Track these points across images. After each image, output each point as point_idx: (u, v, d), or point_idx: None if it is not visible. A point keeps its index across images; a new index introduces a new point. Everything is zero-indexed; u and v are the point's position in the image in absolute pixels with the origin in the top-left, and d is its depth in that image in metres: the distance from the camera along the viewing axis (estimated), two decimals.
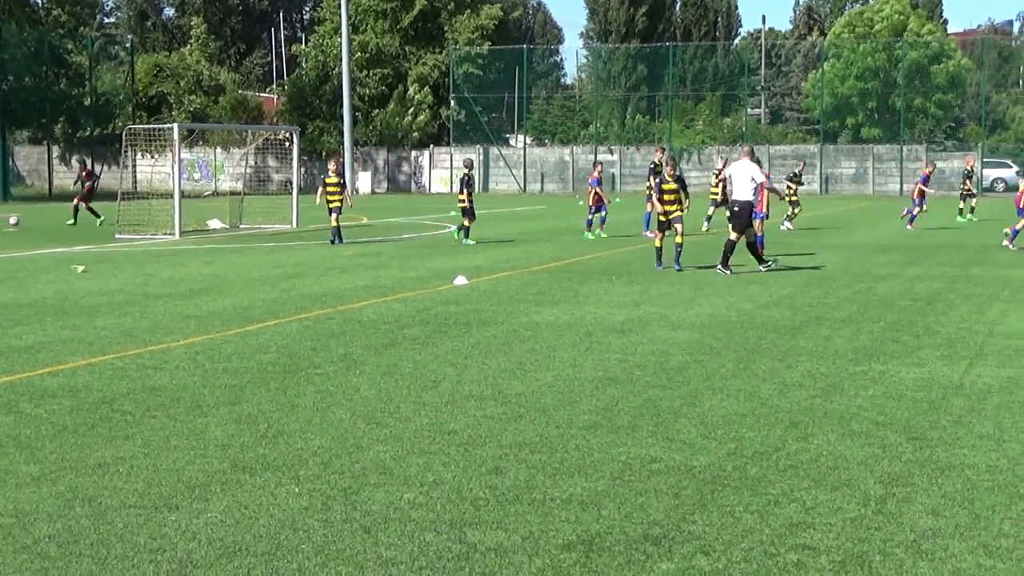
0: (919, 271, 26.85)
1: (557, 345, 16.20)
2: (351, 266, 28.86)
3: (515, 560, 7.59)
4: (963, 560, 7.61)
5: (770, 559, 7.63)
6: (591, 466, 9.85)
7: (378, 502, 8.82)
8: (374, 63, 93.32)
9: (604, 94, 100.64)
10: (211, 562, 7.53)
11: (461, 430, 11.15)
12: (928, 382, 13.56)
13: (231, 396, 12.82)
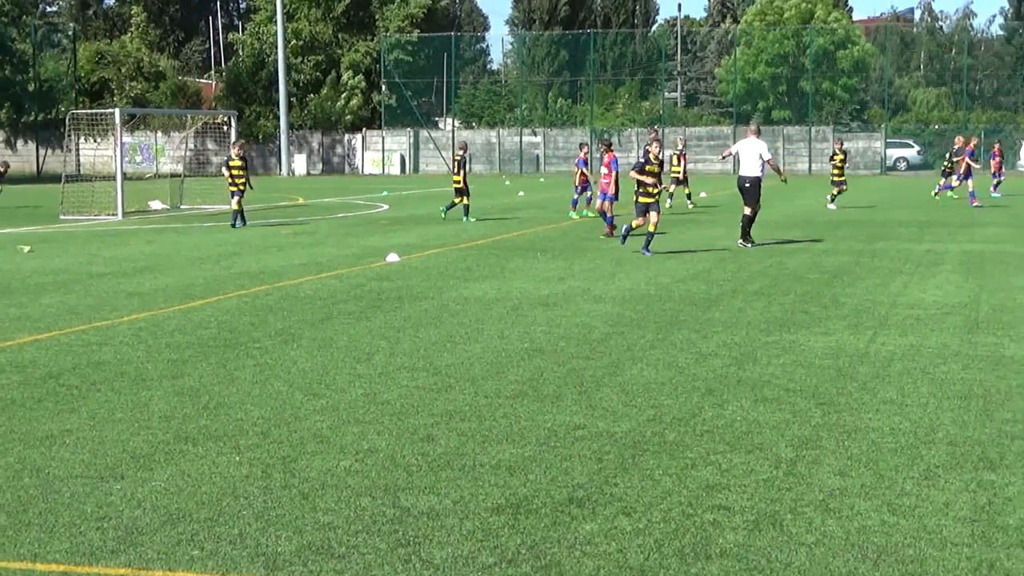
0: (827, 246, 27.07)
1: (485, 318, 16.22)
2: (288, 244, 28.78)
3: (447, 523, 7.62)
4: (868, 518, 7.71)
5: (688, 519, 7.69)
6: (518, 433, 9.88)
7: (315, 469, 8.83)
8: (308, 50, 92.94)
9: (528, 79, 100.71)
10: (155, 528, 7.52)
11: (394, 400, 11.17)
12: (835, 350, 13.70)
13: (174, 370, 12.76)
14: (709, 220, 36.25)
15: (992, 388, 11.62)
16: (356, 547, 7.19)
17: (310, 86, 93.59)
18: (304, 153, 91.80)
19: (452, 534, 7.42)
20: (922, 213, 38.03)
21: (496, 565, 6.91)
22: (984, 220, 35.77)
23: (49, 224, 36.81)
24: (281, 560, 7.00)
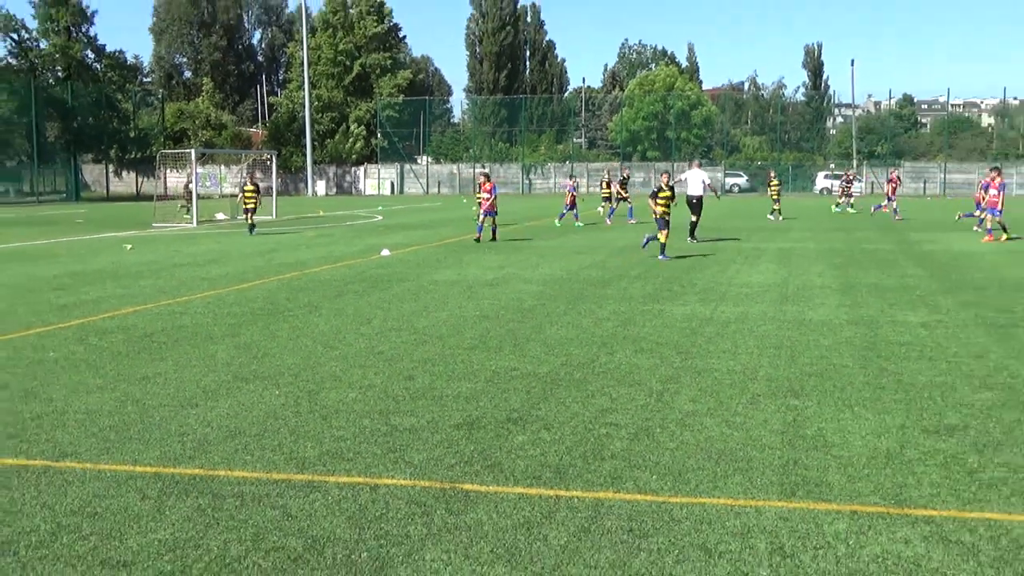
0: (684, 244, 27.19)
1: (449, 295, 16.23)
2: (312, 244, 28.64)
3: (422, 435, 7.66)
4: (712, 431, 7.80)
5: (588, 432, 7.76)
6: (472, 373, 9.92)
7: (331, 399, 8.85)
8: (326, 109, 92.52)
9: (479, 129, 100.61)
10: (220, 441, 7.55)
11: (386, 351, 11.18)
12: (689, 316, 13.79)
13: (232, 331, 12.72)
14: (611, 227, 36.24)
15: (796, 342, 11.76)
16: (360, 453, 7.23)
17: (327, 133, 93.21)
18: (323, 180, 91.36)
19: (426, 443, 7.46)
20: (750, 222, 38.26)
21: (457, 464, 6.95)
22: (792, 227, 36.02)
23: (144, 230, 36.48)
24: (307, 463, 7.01)
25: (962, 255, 23.70)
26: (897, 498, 6.31)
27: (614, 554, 5.44)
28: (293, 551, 5.48)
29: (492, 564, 5.31)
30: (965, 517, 5.99)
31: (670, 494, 6.37)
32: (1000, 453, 7.23)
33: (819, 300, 15.44)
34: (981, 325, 12.97)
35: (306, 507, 6.14)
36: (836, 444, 7.45)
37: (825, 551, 5.50)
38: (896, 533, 5.74)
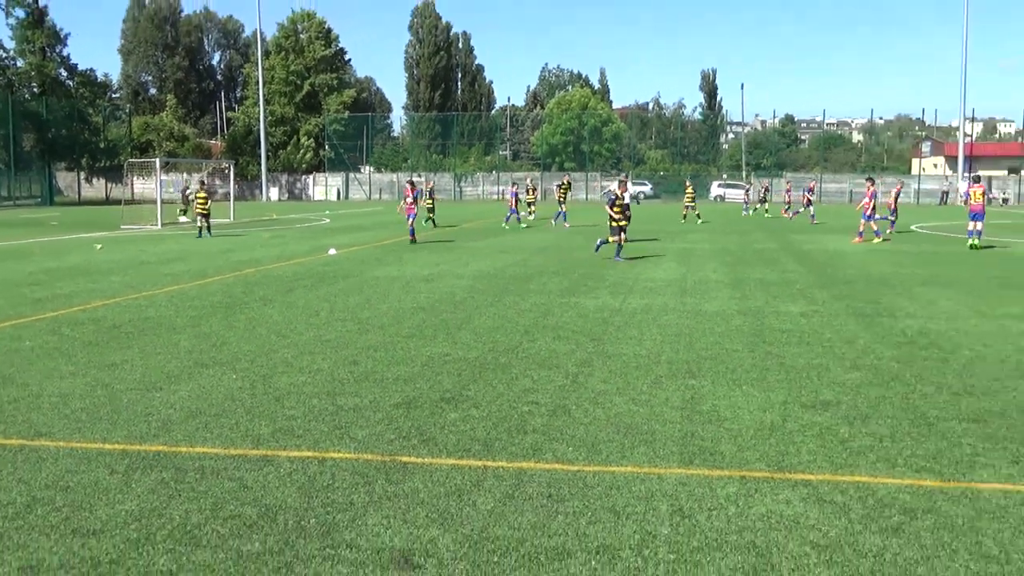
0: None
1: (389, 289, 16.13)
2: (266, 244, 28.27)
3: (365, 414, 7.61)
4: (620, 407, 7.86)
5: (512, 409, 7.77)
6: (410, 358, 9.87)
7: (285, 383, 8.75)
8: (279, 123, 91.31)
9: (416, 142, 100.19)
10: (182, 421, 7.42)
11: (333, 339, 11.07)
12: (601, 307, 13.87)
13: (193, 322, 12.49)
14: (535, 232, 36.33)
15: (694, 329, 11.89)
16: (309, 430, 7.16)
17: (280, 145, 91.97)
18: (276, 187, 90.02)
19: (369, 421, 7.41)
20: (655, 225, 38.58)
21: (396, 439, 6.92)
22: (691, 229, 36.42)
23: (113, 231, 35.67)
24: (262, 439, 6.93)
25: (835, 254, 24.18)
26: (779, 464, 6.42)
27: (535, 517, 5.46)
28: (249, 518, 5.42)
29: (427, 527, 5.30)
30: (837, 480, 6.12)
31: (584, 463, 6.41)
32: (867, 424, 7.40)
33: (713, 293, 15.64)
34: (851, 314, 13.23)
35: (260, 479, 6.07)
36: (728, 418, 7.56)
37: (718, 511, 5.58)
38: (779, 495, 5.84)
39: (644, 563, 4.88)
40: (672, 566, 4.85)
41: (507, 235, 32.06)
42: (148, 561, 4.87)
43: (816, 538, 5.20)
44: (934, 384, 8.79)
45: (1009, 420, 7.53)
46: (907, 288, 16.43)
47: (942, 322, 12.55)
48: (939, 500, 5.77)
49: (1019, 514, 5.55)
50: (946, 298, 15.03)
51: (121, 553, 4.97)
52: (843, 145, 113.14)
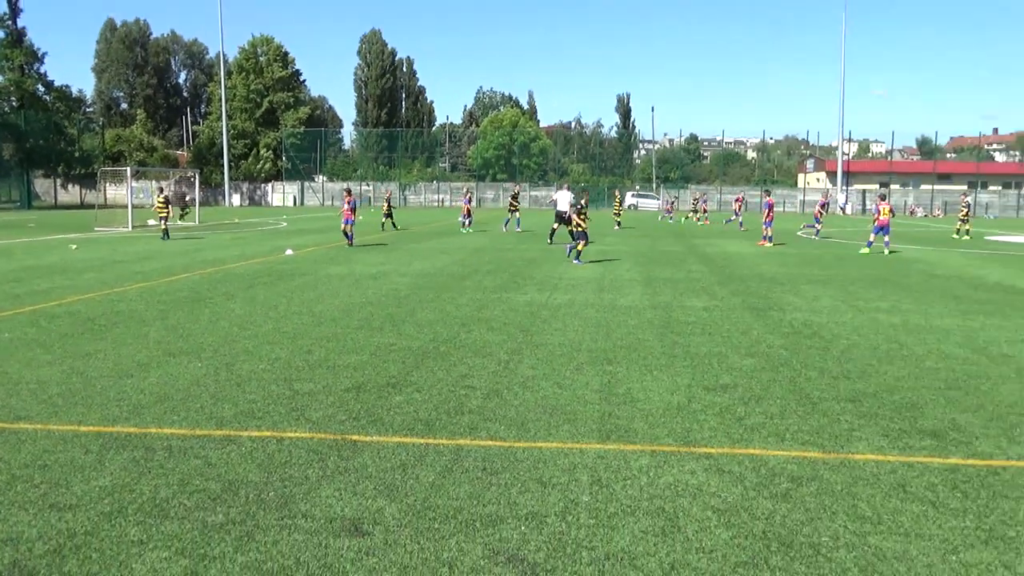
0: (528, 247, 27.44)
1: (341, 286, 15.96)
2: (229, 245, 27.73)
3: (319, 398, 7.52)
4: (547, 391, 7.89)
5: (451, 393, 7.75)
6: (359, 348, 9.78)
7: (246, 370, 8.60)
8: (240, 136, 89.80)
9: (364, 155, 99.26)
10: (151, 405, 7.25)
11: (290, 330, 10.92)
12: (530, 302, 13.90)
13: (162, 315, 12.20)
14: (473, 235, 36.23)
15: (610, 322, 11.98)
16: (268, 412, 7.06)
17: (242, 156, 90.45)
18: (238, 193, 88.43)
19: (322, 404, 7.33)
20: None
21: (347, 420, 6.86)
22: (608, 233, 36.68)
23: (88, 232, 34.70)
24: (225, 421, 6.81)
25: (734, 255, 24.57)
26: (685, 439, 6.51)
27: (471, 488, 5.46)
28: (213, 492, 5.32)
29: (375, 498, 5.27)
30: (735, 453, 6.22)
31: (514, 440, 6.42)
32: (760, 404, 7.54)
33: (627, 290, 15.78)
34: (746, 308, 13.46)
35: (224, 457, 5.97)
36: (640, 400, 7.63)
37: (632, 481, 5.63)
38: (684, 466, 5.92)
39: (567, 527, 4.91)
40: (592, 530, 4.89)
41: (447, 238, 31.92)
42: (120, 532, 4.76)
43: (716, 503, 5.29)
44: (816, 369, 8.99)
45: (880, 400, 7.74)
46: (794, 286, 16.77)
47: (823, 315, 12.83)
48: (821, 469, 5.90)
49: (889, 480, 5.71)
50: (827, 295, 15.38)
51: (95, 525, 4.85)
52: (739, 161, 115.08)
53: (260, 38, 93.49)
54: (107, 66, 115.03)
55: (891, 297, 15.13)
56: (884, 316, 12.80)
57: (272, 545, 4.63)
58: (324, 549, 4.60)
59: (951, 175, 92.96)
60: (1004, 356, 9.79)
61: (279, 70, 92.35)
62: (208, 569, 4.38)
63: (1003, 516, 5.16)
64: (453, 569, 4.41)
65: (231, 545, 4.63)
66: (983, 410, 7.42)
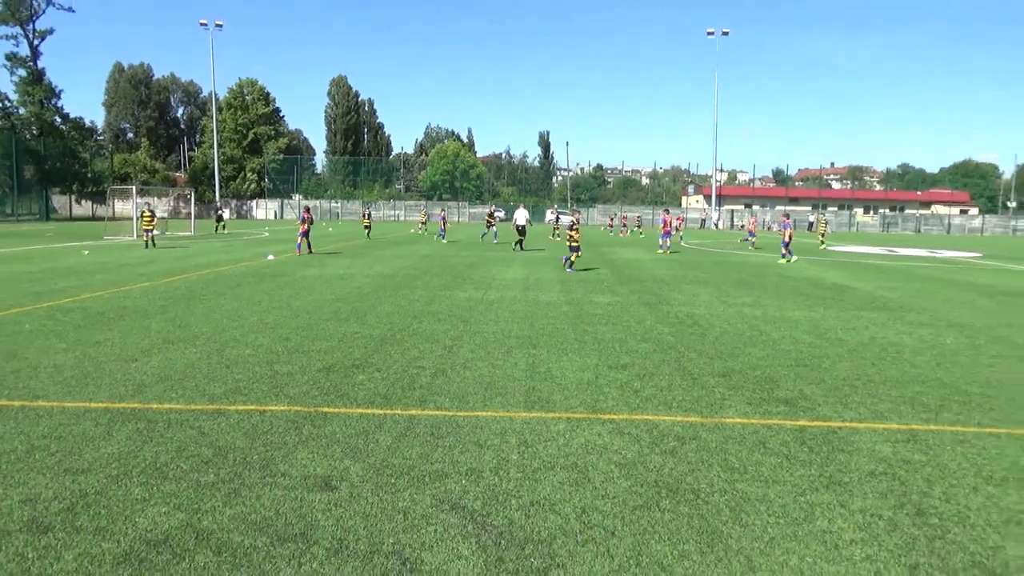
0: (469, 253, 27.36)
1: (314, 285, 15.67)
2: (219, 251, 26.97)
3: (296, 377, 7.36)
4: (483, 370, 7.85)
5: (405, 372, 7.66)
6: (329, 336, 9.61)
7: (234, 354, 8.36)
8: (229, 161, 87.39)
9: (333, 178, 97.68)
10: (153, 384, 7.00)
11: (272, 322, 10.66)
12: (472, 299, 13.84)
13: (162, 309, 11.80)
14: (424, 244, 35.92)
15: (534, 314, 11.99)
16: (252, 390, 6.88)
17: (231, 178, 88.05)
18: (228, 208, 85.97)
19: (298, 383, 7.18)
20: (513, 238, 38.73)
21: (318, 395, 6.73)
22: (536, 243, 36.72)
23: (98, 240, 33.39)
24: (216, 397, 6.62)
25: (632, 261, 24.86)
26: (593, 408, 6.56)
27: (422, 449, 5.41)
28: (205, 456, 5.16)
29: (342, 459, 5.18)
30: (632, 419, 6.29)
31: (457, 410, 6.38)
32: (652, 380, 7.63)
33: (548, 288, 15.83)
34: (641, 304, 13.62)
35: (215, 427, 5.80)
36: (558, 376, 7.66)
37: (552, 442, 5.65)
38: (593, 429, 5.96)
39: (500, 480, 4.90)
40: (519, 482, 4.88)
41: (403, 246, 31.56)
42: (126, 492, 4.59)
43: (618, 459, 5.33)
44: (696, 351, 9.14)
45: (745, 375, 7.91)
46: (678, 286, 17.05)
47: (701, 308, 13.06)
48: (700, 431, 6.00)
49: (752, 439, 5.84)
50: (704, 293, 15.67)
51: (104, 486, 4.66)
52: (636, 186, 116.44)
53: (246, 80, 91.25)
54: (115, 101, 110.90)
55: (754, 295, 15.50)
56: (748, 309, 13.10)
57: (256, 500, 4.51)
58: (300, 502, 4.50)
59: (799, 198, 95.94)
60: (839, 340, 10.11)
61: (262, 107, 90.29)
62: (201, 520, 4.24)
63: (840, 466, 5.33)
64: (407, 516, 4.36)
65: (221, 500, 4.49)
66: (824, 383, 7.64)
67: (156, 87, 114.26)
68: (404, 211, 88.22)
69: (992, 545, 4.21)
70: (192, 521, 4.24)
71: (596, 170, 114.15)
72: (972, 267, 26.00)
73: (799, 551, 4.07)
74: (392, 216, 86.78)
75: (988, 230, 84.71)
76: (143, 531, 4.12)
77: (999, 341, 10.34)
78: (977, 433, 6.10)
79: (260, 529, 4.17)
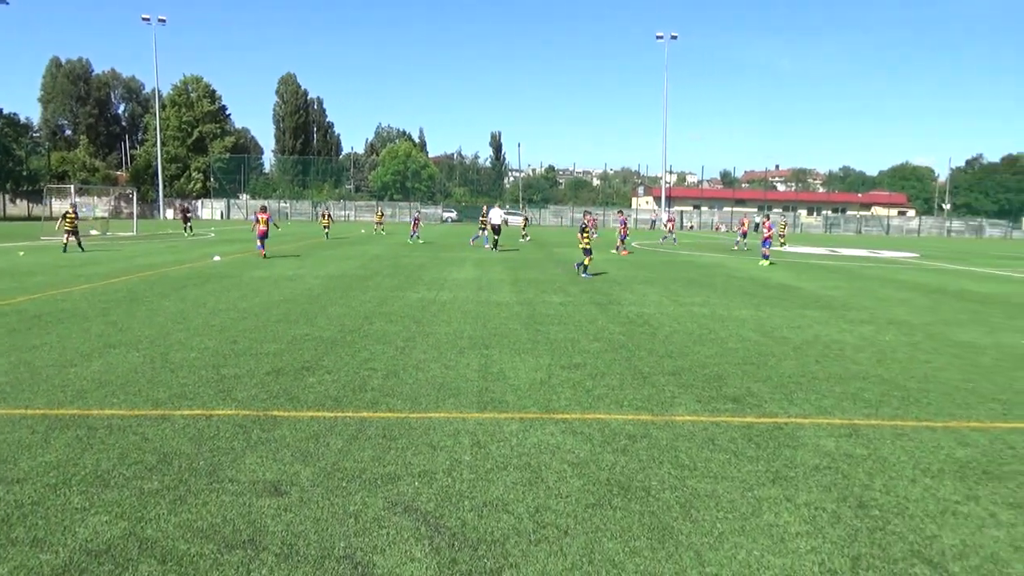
0: (421, 253, 27.16)
1: (262, 286, 15.38)
2: (163, 252, 26.26)
3: (244, 380, 7.21)
4: (436, 371, 7.81)
5: (356, 374, 7.57)
6: (278, 338, 9.44)
7: (179, 358, 8.15)
8: (173, 160, 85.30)
9: (282, 177, 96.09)
10: (93, 390, 6.78)
11: (218, 324, 10.43)
12: (423, 299, 13.76)
13: (102, 312, 11.43)
14: (374, 244, 35.53)
15: (486, 314, 11.97)
16: (199, 394, 6.72)
17: (175, 177, 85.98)
18: (172, 208, 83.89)
19: (247, 385, 7.03)
20: (462, 239, 38.61)
21: (268, 398, 6.61)
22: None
23: (35, 240, 32.20)
24: (160, 402, 6.44)
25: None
26: (546, 408, 6.58)
27: (373, 452, 5.36)
28: (149, 463, 5.02)
29: (292, 463, 5.09)
30: (585, 418, 6.33)
31: (409, 412, 6.34)
32: (604, 379, 7.70)
33: (500, 289, 15.84)
34: (593, 304, 13.72)
35: (159, 433, 5.65)
36: (510, 377, 7.67)
37: (504, 442, 5.65)
38: (546, 429, 5.99)
39: (453, 481, 4.88)
40: (472, 483, 4.87)
41: (354, 246, 31.19)
42: (65, 501, 4.43)
43: (571, 458, 5.36)
44: (647, 350, 9.25)
45: (694, 373, 8.04)
46: (629, 285, 17.23)
47: (651, 308, 13.23)
48: (651, 428, 6.08)
49: (702, 436, 5.94)
50: (653, 292, 15.87)
51: (41, 496, 4.49)
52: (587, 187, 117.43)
53: (191, 77, 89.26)
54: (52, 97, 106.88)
55: (702, 294, 15.76)
56: (697, 308, 13.31)
57: (202, 506, 4.41)
58: (248, 508, 4.42)
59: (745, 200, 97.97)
60: (784, 338, 10.36)
61: (208, 105, 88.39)
62: (145, 529, 4.13)
63: (786, 461, 5.46)
64: (358, 520, 4.31)
65: (166, 508, 4.38)
66: (770, 380, 7.82)
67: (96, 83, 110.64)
68: (355, 211, 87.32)
69: (929, 535, 4.36)
70: (135, 530, 4.12)
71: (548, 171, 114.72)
72: (910, 267, 26.93)
73: (747, 545, 4.15)
74: (342, 216, 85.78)
75: (924, 231, 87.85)
76: (83, 541, 3.99)
77: (935, 338, 10.73)
78: (915, 427, 6.32)
79: (207, 536, 4.08)
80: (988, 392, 7.57)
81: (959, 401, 7.18)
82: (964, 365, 8.82)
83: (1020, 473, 5.32)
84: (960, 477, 5.22)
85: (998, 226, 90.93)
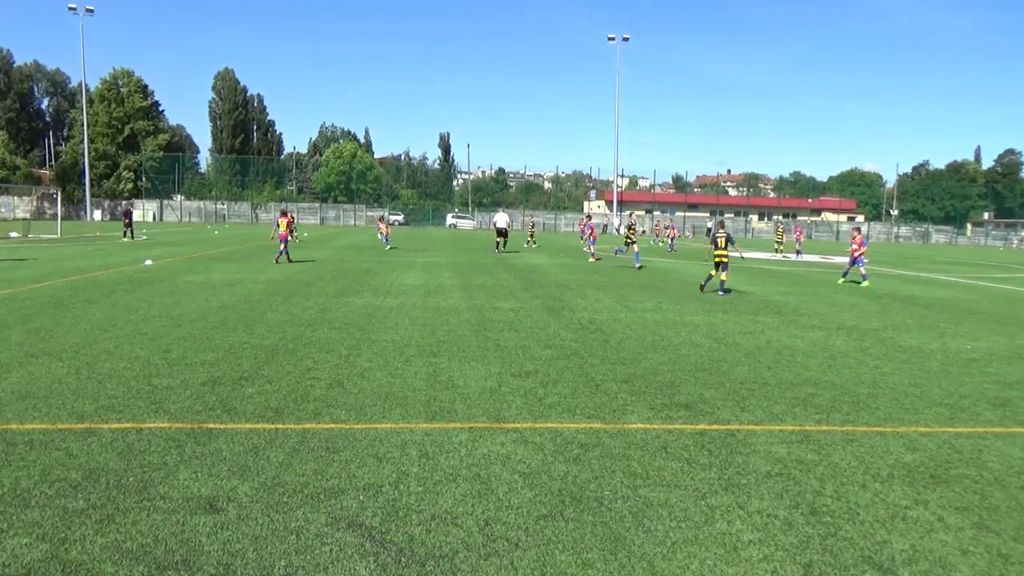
0: (364, 259, 26.86)
1: (198, 292, 15.01)
2: (90, 255, 25.42)
3: (177, 392, 7.02)
4: (382, 380, 7.73)
5: (298, 384, 7.45)
6: (215, 346, 9.22)
7: (107, 368, 7.89)
8: (102, 158, 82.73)
9: (220, 177, 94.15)
10: (13, 402, 6.52)
11: (150, 332, 10.13)
12: (368, 305, 13.61)
13: (24, 319, 11.00)
14: (316, 248, 35.01)
15: (435, 321, 11.91)
16: (128, 406, 6.51)
17: (103, 176, 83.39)
18: (100, 209, 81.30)
19: (181, 396, 6.85)
20: (411, 245, 38.33)
21: (203, 410, 6.44)
22: (433, 248, 36.50)
23: None
24: (86, 415, 6.23)
25: (536, 266, 25.14)
26: (497, 417, 6.57)
27: (316, 465, 5.27)
28: (74, 480, 4.84)
29: (229, 478, 4.97)
30: (536, 427, 6.35)
31: (354, 423, 6.26)
32: (556, 387, 7.73)
33: (449, 295, 15.78)
34: (544, 309, 13.78)
35: (84, 448, 5.45)
36: (460, 385, 7.64)
37: (453, 453, 5.62)
38: (496, 439, 5.98)
39: (400, 495, 4.83)
40: (420, 496, 4.83)
41: (294, 250, 30.64)
42: None
43: (522, 468, 5.37)
44: (599, 357, 9.33)
45: (647, 380, 8.13)
46: (581, 291, 17.36)
47: (604, 314, 13.35)
48: (603, 437, 6.12)
49: (655, 444, 6.01)
50: (606, 298, 16.02)
51: None
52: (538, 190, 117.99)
53: (121, 71, 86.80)
54: None
55: (654, 299, 15.97)
56: (649, 315, 13.48)
57: (132, 526, 4.27)
58: (181, 526, 4.29)
59: (698, 204, 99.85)
60: (736, 344, 10.56)
61: (139, 100, 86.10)
62: (69, 551, 3.98)
63: (738, 468, 5.55)
64: (300, 536, 4.23)
65: (92, 528, 4.23)
66: (723, 386, 7.96)
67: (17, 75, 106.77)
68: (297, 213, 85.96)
69: (880, 540, 4.49)
70: (58, 552, 3.97)
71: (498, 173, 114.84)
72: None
73: (700, 554, 4.21)
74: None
75: (873, 236, 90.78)
76: (0, 566, 3.82)
77: (884, 343, 11.07)
78: (865, 432, 6.50)
79: (137, 558, 3.95)
80: (936, 397, 7.85)
81: (907, 406, 7.42)
82: (912, 370, 9.12)
83: (967, 477, 5.53)
84: (909, 482, 5.39)
85: (943, 232, 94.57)
